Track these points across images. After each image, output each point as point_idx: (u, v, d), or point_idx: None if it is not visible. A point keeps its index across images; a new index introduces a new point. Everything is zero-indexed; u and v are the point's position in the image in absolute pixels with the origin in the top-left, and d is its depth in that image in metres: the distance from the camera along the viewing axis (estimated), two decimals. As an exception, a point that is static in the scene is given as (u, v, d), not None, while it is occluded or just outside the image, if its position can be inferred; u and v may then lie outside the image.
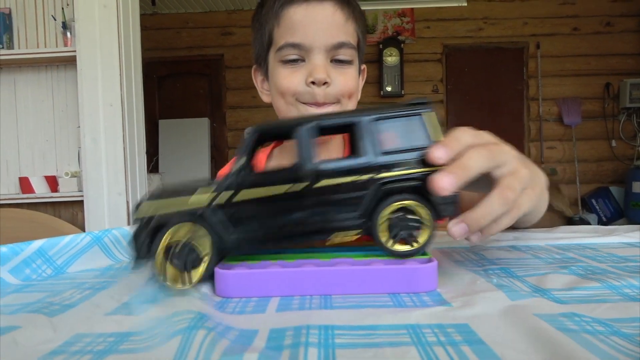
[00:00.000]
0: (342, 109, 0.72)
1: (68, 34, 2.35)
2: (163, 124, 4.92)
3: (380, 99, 4.58)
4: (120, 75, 2.32)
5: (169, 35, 4.99)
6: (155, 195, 0.36)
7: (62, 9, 2.38)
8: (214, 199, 0.34)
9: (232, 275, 0.33)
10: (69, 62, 2.36)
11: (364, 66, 0.82)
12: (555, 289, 0.31)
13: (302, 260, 0.35)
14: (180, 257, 0.34)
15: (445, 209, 0.34)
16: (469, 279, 0.34)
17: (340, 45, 0.69)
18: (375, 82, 4.61)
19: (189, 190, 0.35)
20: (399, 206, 0.34)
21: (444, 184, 0.32)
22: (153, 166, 4.70)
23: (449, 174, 0.33)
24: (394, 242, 0.35)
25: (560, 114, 4.65)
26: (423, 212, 0.34)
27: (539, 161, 4.69)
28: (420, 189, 0.34)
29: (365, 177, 0.34)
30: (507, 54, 4.74)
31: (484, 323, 0.25)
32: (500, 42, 4.73)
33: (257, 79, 0.80)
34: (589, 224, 4.49)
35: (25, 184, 2.39)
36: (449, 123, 4.73)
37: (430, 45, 4.72)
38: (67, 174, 2.43)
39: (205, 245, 0.34)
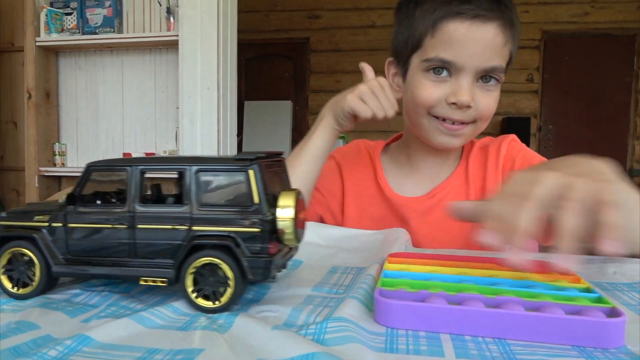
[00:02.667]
0: (475, 130, 0.72)
1: (171, 19, 2.47)
2: (248, 105, 5.07)
3: (469, 87, 4.38)
4: (217, 59, 2.40)
5: (258, 17, 5.09)
6: (11, 214, 0.40)
7: (167, -6, 2.50)
8: (48, 223, 0.38)
9: (400, 306, 0.32)
10: (171, 45, 2.48)
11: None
12: None
13: (465, 295, 0.33)
14: (13, 275, 0.39)
15: (254, 272, 0.34)
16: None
17: (492, 70, 0.67)
18: (464, 69, 4.41)
19: (36, 212, 0.38)
20: (207, 262, 0.34)
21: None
22: (237, 146, 4.88)
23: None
24: (198, 296, 0.35)
25: (674, 109, 4.18)
26: (229, 271, 0.34)
27: (645, 161, 4.27)
28: (231, 248, 0.34)
29: (181, 227, 0.35)
30: (615, 42, 4.32)
31: None
32: (608, 28, 4.32)
33: (389, 72, 0.79)
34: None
35: (128, 160, 2.58)
36: (543, 115, 4.44)
37: (528, 31, 4.41)
38: (165, 151, 2.58)
39: (36, 267, 0.38)
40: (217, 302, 0.35)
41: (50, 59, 2.61)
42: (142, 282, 0.36)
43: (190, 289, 0.35)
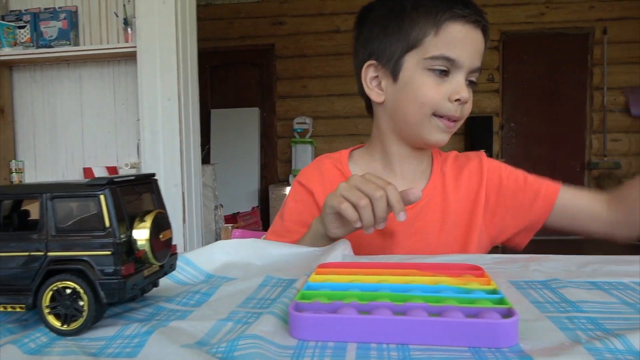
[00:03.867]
0: (459, 124, 0.77)
1: (129, 30, 2.44)
2: (215, 113, 5.05)
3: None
4: (177, 69, 2.38)
5: (222, 25, 5.07)
6: None
7: (124, 5, 2.47)
8: None
9: (307, 319, 0.33)
10: (130, 57, 2.45)
11: None
12: (652, 352, 0.29)
13: (375, 303, 0.35)
14: None
15: (108, 293, 0.35)
16: (553, 334, 0.33)
17: (478, 70, 0.74)
18: (427, 71, 4.49)
19: None
20: (62, 286, 0.35)
21: None
22: (205, 156, 4.83)
23: None
24: (55, 319, 0.36)
25: (627, 104, 4.37)
26: (83, 294, 0.35)
27: (601, 154, 4.43)
28: (85, 272, 0.35)
29: (37, 253, 0.36)
30: (570, 41, 4.49)
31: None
32: (563, 27, 4.49)
33: (367, 75, 0.78)
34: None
35: (88, 175, 2.53)
36: (504, 114, 4.56)
37: (487, 32, 4.54)
38: (127, 165, 2.54)
39: None
40: (73, 325, 0.36)
41: (4, 73, 2.54)
42: (1, 309, 0.37)
43: (46, 312, 0.36)
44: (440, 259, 0.56)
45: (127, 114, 2.61)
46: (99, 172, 2.56)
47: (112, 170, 2.59)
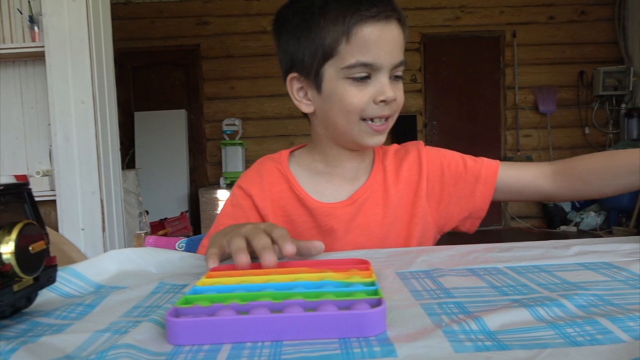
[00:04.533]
0: (392, 121, 0.76)
1: (35, 28, 2.28)
2: (139, 116, 4.85)
3: (359, 88, 4.57)
4: (91, 71, 2.26)
5: (143, 25, 4.88)
6: None
7: (29, 2, 2.30)
8: None
9: (181, 323, 0.33)
10: (38, 57, 2.29)
11: None
12: (502, 332, 0.32)
13: (254, 303, 0.35)
14: None
15: None
16: (420, 319, 0.35)
17: (401, 64, 0.72)
18: (353, 72, 4.59)
19: None
20: None
21: None
22: (129, 160, 4.62)
23: None
24: None
25: (535, 102, 4.72)
26: None
27: (515, 149, 4.76)
28: None
29: None
30: (483, 43, 4.78)
31: (424, 381, 0.26)
32: (477, 30, 4.76)
33: (293, 87, 0.77)
34: (562, 209, 4.60)
35: (-5, 184, 2.33)
36: (427, 112, 4.76)
37: (409, 34, 4.71)
38: (38, 172, 2.38)
39: None
40: None
41: None
42: None
43: None
44: (343, 255, 0.58)
45: (37, 118, 2.44)
46: (7, 181, 2.36)
47: (22, 178, 2.41)
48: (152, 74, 5.05)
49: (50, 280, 0.42)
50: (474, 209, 0.81)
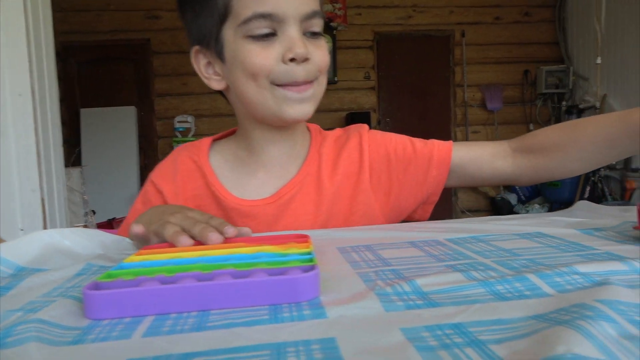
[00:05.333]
0: (319, 88, 0.66)
1: (-35, 15, 2.13)
2: (85, 113, 4.63)
3: (314, 85, 4.58)
4: (29, 62, 2.13)
5: (90, 17, 4.67)
6: None
7: (-43, -13, 2.15)
8: None
9: (99, 295, 0.30)
10: (-32, 47, 2.14)
11: None
12: (434, 291, 0.31)
13: (182, 274, 0.33)
14: None
15: None
16: (355, 285, 0.34)
17: (314, 14, 0.62)
18: (308, 68, 4.59)
19: None
20: None
21: None
22: (75, 159, 4.42)
23: None
24: None
25: (483, 99, 4.88)
26: None
27: (466, 145, 4.91)
28: None
29: None
30: (434, 42, 4.89)
31: (351, 338, 0.25)
32: (428, 29, 4.87)
33: (200, 63, 0.67)
34: (509, 202, 4.78)
35: None
36: (381, 109, 4.83)
37: (362, 32, 4.77)
38: (-29, 170, 2.22)
39: None
40: None
41: None
42: None
43: None
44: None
45: (-31, 112, 2.28)
46: None
47: (-47, 177, 2.24)
48: (100, 69, 4.85)
49: None
50: (428, 193, 0.72)
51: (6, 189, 2.12)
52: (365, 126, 0.77)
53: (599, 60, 4.05)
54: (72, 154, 4.40)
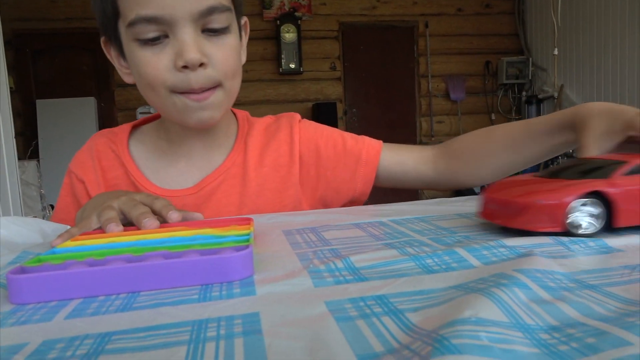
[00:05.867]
0: (227, 96, 0.61)
1: None
2: (41, 104, 4.46)
3: (280, 76, 4.55)
4: (-25, 50, 2.03)
5: (42, 4, 4.48)
6: None
7: None
8: None
9: (21, 279, 0.29)
10: None
11: (245, 19, 0.66)
12: (366, 267, 0.32)
13: (112, 257, 0.33)
14: None
15: None
16: (290, 264, 0.34)
17: (211, 11, 0.55)
18: (274, 58, 4.55)
19: None
20: None
21: None
22: (32, 152, 4.25)
23: None
24: None
25: (447, 90, 4.97)
26: None
27: (429, 135, 4.99)
28: None
29: None
30: (399, 33, 4.93)
31: (274, 312, 0.25)
32: (392, 20, 4.90)
33: (112, 55, 0.64)
34: (473, 191, 4.90)
35: None
36: (347, 100, 4.84)
37: (327, 23, 4.76)
38: None
39: None
40: None
41: None
42: None
43: None
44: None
45: None
46: None
47: None
48: (55, 58, 4.66)
49: None
50: (355, 194, 0.72)
51: (-46, 183, 2.02)
52: (297, 116, 0.75)
53: (556, 52, 4.17)
54: (29, 147, 4.24)
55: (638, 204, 0.36)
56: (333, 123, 4.40)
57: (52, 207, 3.06)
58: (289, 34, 4.53)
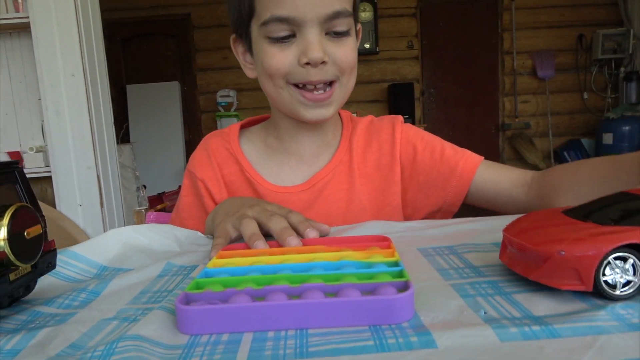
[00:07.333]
0: (343, 91, 0.65)
1: (18, -2, 2.18)
2: (131, 89, 4.74)
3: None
4: (80, 42, 2.18)
5: (131, -7, 4.72)
6: None
7: (9, -30, 2.20)
8: None
9: (194, 312, 0.30)
10: (23, 29, 2.20)
11: (359, 26, 0.70)
12: (549, 315, 0.29)
13: (270, 287, 0.32)
14: None
15: None
16: (453, 301, 0.32)
17: (336, 15, 0.60)
18: (349, 39, 4.48)
19: None
20: None
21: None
22: (124, 134, 4.55)
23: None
24: None
25: (534, 67, 4.65)
26: None
27: (513, 115, 4.72)
28: None
29: None
30: (481, 7, 4.66)
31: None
32: (475, -6, 4.63)
33: (238, 51, 0.69)
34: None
35: (-13, 162, 2.28)
36: (424, 80, 4.69)
37: (404, 0, 4.59)
38: (31, 149, 2.32)
39: None
40: None
41: None
42: None
43: None
44: (355, 230, 0.55)
45: (27, 93, 2.36)
46: (1, 158, 2.32)
47: (15, 155, 2.36)
48: (142, 45, 4.92)
49: (50, 266, 0.39)
50: (444, 203, 0.71)
51: (64, 167, 2.20)
52: (400, 117, 0.76)
53: (664, 22, 3.74)
54: (121, 130, 4.53)
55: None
56: (410, 104, 4.29)
57: (145, 187, 3.26)
58: (365, 13, 4.43)
